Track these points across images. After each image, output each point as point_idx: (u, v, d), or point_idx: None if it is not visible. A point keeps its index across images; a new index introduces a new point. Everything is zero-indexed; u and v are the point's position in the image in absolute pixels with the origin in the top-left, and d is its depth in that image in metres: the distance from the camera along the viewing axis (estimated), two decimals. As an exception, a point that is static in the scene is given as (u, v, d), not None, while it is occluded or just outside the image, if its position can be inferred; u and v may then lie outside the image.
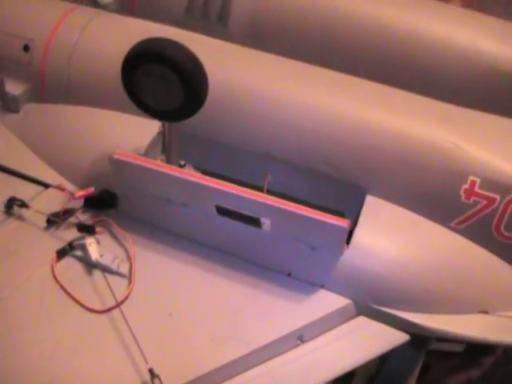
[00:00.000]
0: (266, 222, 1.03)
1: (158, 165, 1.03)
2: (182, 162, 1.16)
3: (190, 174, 1.02)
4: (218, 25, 1.32)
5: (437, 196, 1.08)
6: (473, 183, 1.06)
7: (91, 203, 1.12)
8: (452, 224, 1.09)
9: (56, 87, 1.19)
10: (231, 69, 1.15)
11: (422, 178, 1.08)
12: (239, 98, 1.13)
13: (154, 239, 1.11)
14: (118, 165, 1.04)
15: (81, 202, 1.12)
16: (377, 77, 1.21)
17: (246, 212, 1.02)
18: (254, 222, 1.03)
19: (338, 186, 1.12)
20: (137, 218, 1.13)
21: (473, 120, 1.13)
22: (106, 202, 1.11)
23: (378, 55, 1.26)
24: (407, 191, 1.09)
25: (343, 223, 0.98)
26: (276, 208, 0.99)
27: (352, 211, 1.11)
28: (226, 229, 1.07)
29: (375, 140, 1.09)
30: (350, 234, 1.05)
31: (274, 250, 1.08)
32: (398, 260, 1.06)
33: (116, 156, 1.04)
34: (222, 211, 1.04)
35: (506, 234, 1.07)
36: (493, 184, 1.05)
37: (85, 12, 1.25)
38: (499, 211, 1.06)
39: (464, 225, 1.09)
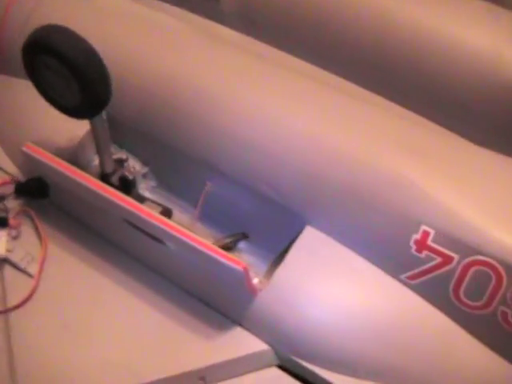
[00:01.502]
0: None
1: (63, 166, 0.93)
2: (124, 156, 1.06)
3: (93, 183, 0.91)
4: (210, 1, 1.17)
5: (385, 241, 0.89)
6: (426, 234, 0.85)
7: (21, 191, 1.05)
8: (403, 277, 0.89)
9: (11, 60, 1.11)
10: (181, 62, 1.01)
11: (369, 217, 0.89)
12: (183, 97, 0.99)
13: (77, 239, 1.02)
14: (29, 158, 0.95)
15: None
16: (369, 76, 1.05)
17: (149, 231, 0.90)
18: (159, 241, 0.91)
19: (280, 210, 0.95)
20: (67, 211, 1.04)
21: (450, 153, 0.90)
22: (35, 191, 1.03)
23: (374, 52, 1.07)
24: (351, 229, 0.91)
25: (239, 266, 0.82)
26: (174, 237, 0.85)
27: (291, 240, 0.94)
28: (142, 242, 0.95)
29: (321, 165, 0.91)
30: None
31: (189, 274, 0.95)
32: (326, 310, 0.90)
33: (25, 149, 0.95)
34: (129, 223, 0.93)
35: (466, 301, 0.86)
36: (449, 239, 0.84)
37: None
38: (456, 274, 0.85)
39: (417, 280, 0.89)
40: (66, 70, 0.83)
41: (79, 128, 1.01)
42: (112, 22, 1.06)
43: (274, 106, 0.94)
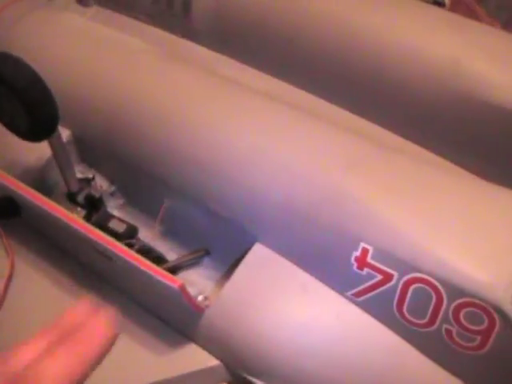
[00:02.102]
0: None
1: (19, 187, 0.96)
2: (90, 175, 1.09)
3: (45, 203, 0.94)
4: (182, 19, 1.19)
5: (328, 258, 0.89)
6: (365, 251, 0.85)
7: (-8, 210, 1.08)
8: (349, 294, 0.89)
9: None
10: (142, 83, 1.03)
11: (311, 234, 0.89)
12: (142, 118, 1.01)
13: (45, 257, 1.05)
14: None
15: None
16: (335, 89, 1.06)
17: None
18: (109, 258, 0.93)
19: (233, 227, 0.96)
20: (36, 229, 1.07)
21: (395, 169, 0.89)
22: (6, 210, 1.07)
23: (338, 65, 1.05)
24: (297, 246, 0.91)
25: (174, 284, 0.84)
26: (114, 254, 0.87)
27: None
28: (99, 260, 0.98)
29: (264, 181, 0.91)
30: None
31: (146, 292, 0.96)
32: (274, 327, 0.90)
33: (-12, 171, 0.99)
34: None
35: (411, 318, 0.85)
36: (388, 257, 0.83)
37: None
38: (398, 292, 0.84)
39: (363, 297, 0.88)
40: (12, 95, 0.86)
41: (46, 148, 1.03)
42: (77, 45, 1.09)
43: (222, 125, 0.95)
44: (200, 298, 0.91)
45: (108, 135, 1.03)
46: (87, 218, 1.07)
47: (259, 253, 0.92)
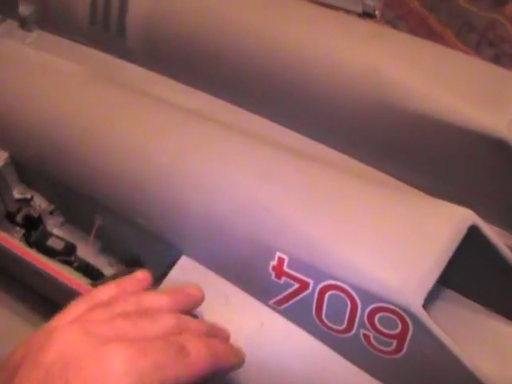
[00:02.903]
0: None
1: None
2: (29, 196, 1.11)
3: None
4: (117, 39, 1.21)
5: (249, 268, 0.90)
6: (281, 261, 0.86)
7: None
8: (271, 303, 0.90)
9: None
10: (67, 101, 1.05)
11: (230, 245, 0.90)
12: (70, 139, 1.03)
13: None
14: None
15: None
16: (258, 101, 1.09)
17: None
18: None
19: (161, 241, 0.98)
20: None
21: (309, 177, 0.91)
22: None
23: (261, 77, 1.07)
24: (219, 257, 0.93)
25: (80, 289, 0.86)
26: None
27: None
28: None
29: (183, 194, 0.93)
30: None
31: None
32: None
33: None
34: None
35: (330, 324, 0.87)
36: (303, 265, 0.85)
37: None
38: (315, 299, 0.85)
39: (284, 306, 0.90)
40: None
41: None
42: (11, 70, 1.12)
43: (144, 142, 0.97)
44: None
45: (41, 157, 1.05)
46: (26, 237, 1.09)
47: (184, 265, 0.94)
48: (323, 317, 0.87)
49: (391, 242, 0.84)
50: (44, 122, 1.04)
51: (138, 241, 1.02)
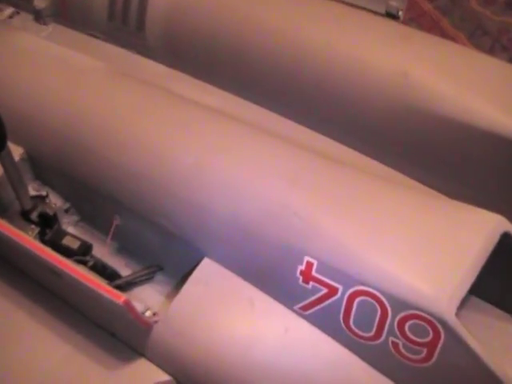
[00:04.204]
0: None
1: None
2: (44, 193, 1.08)
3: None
4: (136, 35, 1.19)
5: (275, 273, 0.89)
6: (310, 265, 0.84)
7: None
8: (296, 308, 0.88)
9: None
10: (87, 97, 1.03)
11: (256, 248, 0.88)
12: (90, 136, 1.00)
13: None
14: None
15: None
16: (284, 102, 1.07)
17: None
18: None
19: (183, 243, 0.96)
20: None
21: (339, 183, 0.89)
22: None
23: (287, 79, 1.05)
24: (244, 260, 0.91)
25: (119, 300, 0.83)
26: (61, 270, 0.87)
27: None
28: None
29: (209, 196, 0.91)
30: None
31: (96, 307, 0.96)
32: (223, 342, 0.89)
33: None
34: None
35: (357, 331, 0.85)
36: (332, 270, 0.83)
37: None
38: (343, 305, 0.83)
39: (310, 311, 0.88)
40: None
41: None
42: (29, 64, 1.09)
43: (169, 141, 0.95)
44: (148, 313, 0.91)
45: (58, 153, 1.03)
46: (41, 236, 1.07)
47: (207, 268, 0.92)
48: (351, 323, 0.85)
49: (423, 249, 0.83)
50: (62, 118, 1.02)
51: (157, 242, 1.00)
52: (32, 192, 1.09)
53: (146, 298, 1.00)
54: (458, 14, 1.81)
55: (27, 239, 0.89)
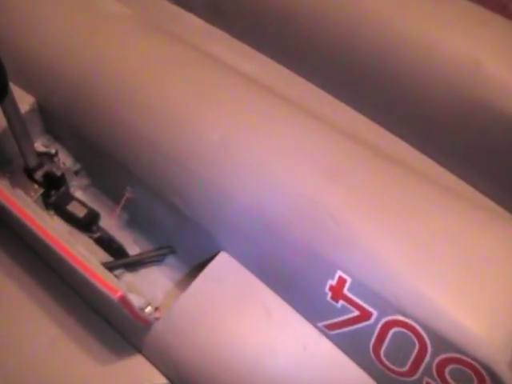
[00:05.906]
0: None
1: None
2: (53, 151, 0.96)
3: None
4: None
5: (299, 281, 0.76)
6: (342, 281, 0.71)
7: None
8: (320, 325, 0.76)
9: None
10: (108, 48, 0.90)
11: (280, 250, 0.76)
12: (106, 93, 0.88)
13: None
14: None
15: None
16: (334, 81, 0.93)
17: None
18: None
19: (199, 229, 0.83)
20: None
21: (384, 180, 0.75)
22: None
23: (341, 56, 0.91)
24: (264, 260, 0.78)
25: (115, 295, 0.71)
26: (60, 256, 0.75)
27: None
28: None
29: (232, 181, 0.78)
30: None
31: (89, 292, 0.84)
32: (228, 348, 0.78)
33: None
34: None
35: (388, 364, 0.72)
36: (367, 291, 0.70)
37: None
38: (376, 332, 0.71)
39: (336, 331, 0.75)
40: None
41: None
42: (48, 5, 0.96)
43: (194, 112, 0.82)
44: (148, 309, 0.79)
45: (71, 107, 0.91)
46: (45, 197, 0.95)
47: (222, 263, 0.80)
48: (381, 354, 0.72)
49: (479, 280, 0.69)
50: (78, 67, 0.90)
51: (170, 222, 0.88)
52: (40, 148, 0.97)
53: (153, 281, 0.89)
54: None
55: (25, 212, 0.77)
